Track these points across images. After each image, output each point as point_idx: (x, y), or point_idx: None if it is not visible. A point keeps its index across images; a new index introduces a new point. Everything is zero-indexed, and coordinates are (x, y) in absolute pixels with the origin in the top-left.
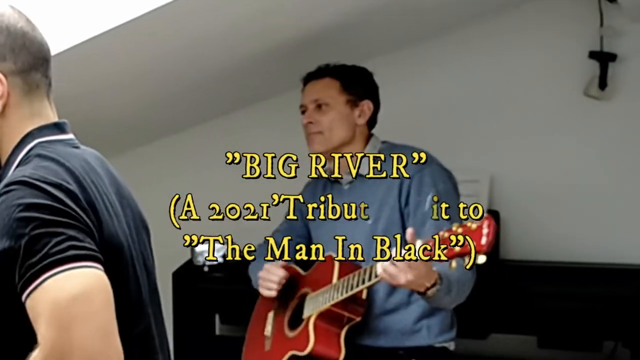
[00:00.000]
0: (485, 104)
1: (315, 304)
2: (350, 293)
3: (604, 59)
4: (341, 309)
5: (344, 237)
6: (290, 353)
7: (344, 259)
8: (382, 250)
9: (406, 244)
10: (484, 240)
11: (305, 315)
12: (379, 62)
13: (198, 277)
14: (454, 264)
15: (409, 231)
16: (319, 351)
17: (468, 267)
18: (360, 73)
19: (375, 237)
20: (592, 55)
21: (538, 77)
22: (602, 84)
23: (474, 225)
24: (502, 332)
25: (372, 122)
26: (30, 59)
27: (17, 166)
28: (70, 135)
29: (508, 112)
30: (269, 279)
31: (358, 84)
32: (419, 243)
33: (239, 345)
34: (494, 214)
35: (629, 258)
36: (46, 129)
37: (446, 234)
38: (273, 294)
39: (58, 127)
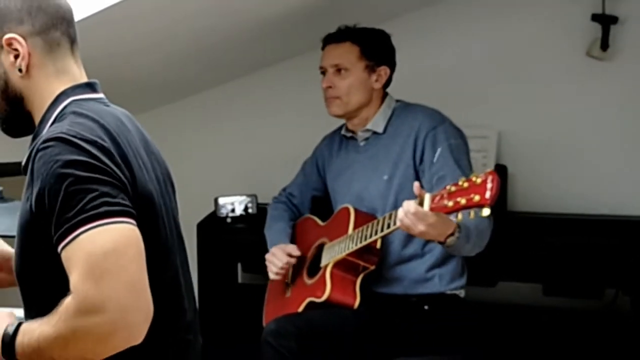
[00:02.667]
0: (493, 65)
1: (331, 253)
2: (364, 243)
3: (605, 21)
4: (356, 258)
5: (359, 191)
6: (308, 300)
7: (359, 210)
8: (396, 203)
9: (416, 197)
10: (487, 194)
11: (322, 263)
12: (394, 23)
13: (221, 228)
14: (459, 216)
15: (416, 185)
16: (335, 298)
17: (471, 217)
18: (379, 37)
19: (389, 192)
20: (595, 17)
21: (543, 39)
22: (604, 45)
23: (478, 180)
24: (509, 280)
25: (387, 84)
26: (47, 20)
27: (53, 122)
28: (101, 94)
29: (515, 73)
30: (274, 263)
31: (376, 50)
32: (427, 196)
33: (260, 292)
34: (501, 169)
35: (629, 210)
36: (79, 87)
37: (453, 188)
38: (278, 277)
39: (90, 87)
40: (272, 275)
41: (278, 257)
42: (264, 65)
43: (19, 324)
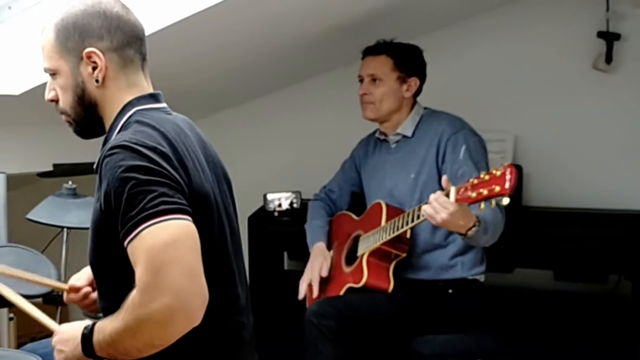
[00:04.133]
0: (511, 76)
1: (367, 244)
2: (396, 233)
3: (609, 38)
4: (389, 247)
5: (390, 188)
6: (347, 285)
7: (390, 205)
8: (421, 198)
9: (442, 190)
10: (507, 185)
11: (359, 253)
12: (426, 39)
13: (269, 221)
14: (482, 205)
15: (444, 178)
16: (371, 283)
17: (492, 206)
18: (412, 52)
19: (415, 189)
20: (600, 35)
21: (555, 53)
22: (608, 59)
23: (498, 172)
24: (524, 267)
25: (417, 93)
26: (124, 38)
27: (119, 131)
28: (164, 104)
29: (530, 83)
30: (303, 279)
31: (409, 63)
32: (453, 189)
33: None
34: (517, 168)
35: (631, 204)
36: (143, 98)
37: (475, 181)
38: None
39: (153, 97)
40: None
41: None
42: (308, 76)
43: (94, 324)
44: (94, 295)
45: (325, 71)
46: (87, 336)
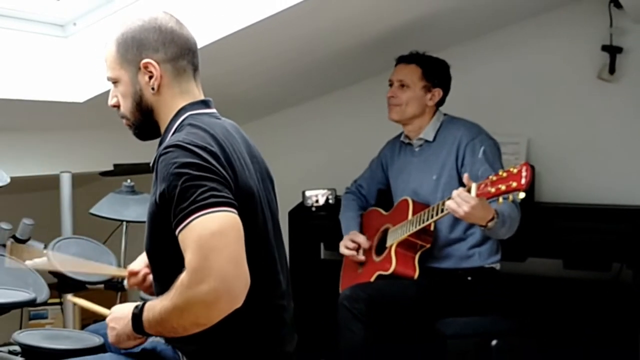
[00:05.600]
0: (524, 85)
1: (395, 235)
2: (421, 226)
3: (613, 51)
4: (415, 238)
5: (414, 187)
6: (377, 273)
7: (416, 201)
8: (443, 197)
9: (464, 187)
10: (523, 181)
11: (388, 244)
12: (446, 53)
13: (307, 215)
14: (500, 200)
15: (465, 175)
16: (399, 271)
17: (510, 200)
18: (440, 66)
19: (437, 189)
20: (604, 48)
21: (564, 65)
22: (612, 70)
23: (515, 170)
24: (536, 256)
25: (440, 103)
26: (177, 50)
27: (174, 133)
28: (214, 110)
29: (541, 92)
30: (346, 245)
31: (435, 75)
32: (474, 185)
33: (338, 266)
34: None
35: (632, 200)
36: (195, 104)
37: (494, 177)
38: (349, 252)
39: (204, 103)
40: (346, 252)
41: (345, 243)
42: (341, 86)
43: (144, 303)
44: (152, 277)
45: (357, 81)
46: (137, 315)
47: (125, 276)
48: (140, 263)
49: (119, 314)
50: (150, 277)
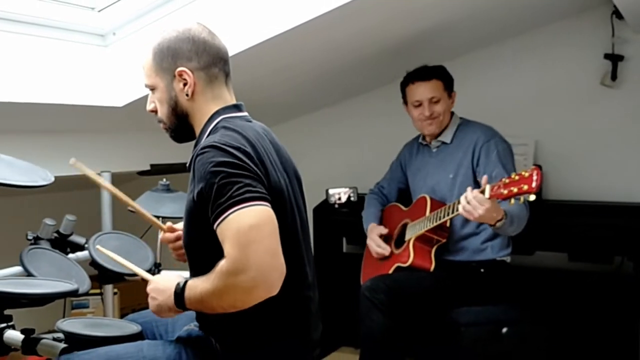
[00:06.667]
0: (532, 91)
1: (413, 230)
2: (438, 222)
3: (614, 59)
4: (432, 233)
5: (432, 186)
6: (396, 265)
7: (433, 198)
8: (459, 195)
9: (479, 188)
10: (534, 184)
11: (406, 238)
12: (461, 60)
13: (331, 212)
14: (512, 201)
15: (484, 177)
16: (416, 263)
17: (521, 202)
18: (447, 72)
19: (454, 187)
20: (606, 56)
21: (569, 72)
22: (613, 77)
23: (526, 174)
24: (543, 250)
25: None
26: (209, 59)
27: (209, 135)
28: (245, 113)
29: (547, 97)
30: (375, 242)
31: (449, 82)
32: (488, 186)
33: (359, 260)
34: (538, 167)
35: (632, 197)
36: (228, 108)
37: (507, 180)
38: (381, 250)
39: (237, 107)
40: (377, 250)
41: (374, 240)
42: (362, 91)
43: (186, 281)
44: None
45: (376, 87)
46: (179, 290)
47: (163, 228)
48: (181, 226)
49: (162, 286)
50: (181, 242)
